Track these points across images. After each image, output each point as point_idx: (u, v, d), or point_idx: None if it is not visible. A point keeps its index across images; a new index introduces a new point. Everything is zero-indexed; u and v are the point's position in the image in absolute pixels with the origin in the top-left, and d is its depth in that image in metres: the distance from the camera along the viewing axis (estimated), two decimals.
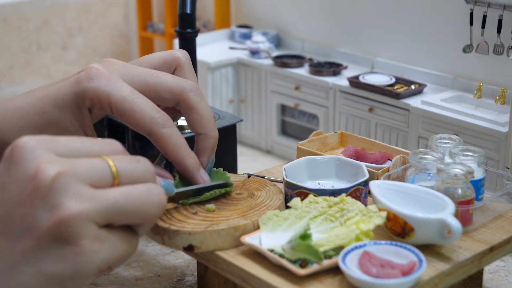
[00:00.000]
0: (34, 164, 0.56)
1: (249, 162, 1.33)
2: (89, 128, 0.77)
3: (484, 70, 1.16)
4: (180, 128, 0.98)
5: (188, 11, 0.99)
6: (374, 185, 0.78)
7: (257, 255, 0.74)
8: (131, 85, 0.76)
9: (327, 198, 0.77)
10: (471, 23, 1.14)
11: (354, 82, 1.22)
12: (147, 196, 0.60)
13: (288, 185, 0.82)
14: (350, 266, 0.70)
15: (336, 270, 0.71)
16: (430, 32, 1.23)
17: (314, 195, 0.79)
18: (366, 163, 0.88)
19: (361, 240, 0.72)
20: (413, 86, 1.19)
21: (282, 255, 0.72)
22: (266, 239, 0.74)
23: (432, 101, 1.13)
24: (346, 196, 0.77)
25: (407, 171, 0.85)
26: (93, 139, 0.61)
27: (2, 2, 1.66)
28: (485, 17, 1.12)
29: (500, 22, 1.11)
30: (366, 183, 0.81)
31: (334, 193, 0.79)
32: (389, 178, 0.86)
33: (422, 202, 0.77)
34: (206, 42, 1.48)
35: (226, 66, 1.39)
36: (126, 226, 0.60)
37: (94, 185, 0.57)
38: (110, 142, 0.62)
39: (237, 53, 1.41)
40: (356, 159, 0.90)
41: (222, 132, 0.98)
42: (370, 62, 1.32)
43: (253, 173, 0.91)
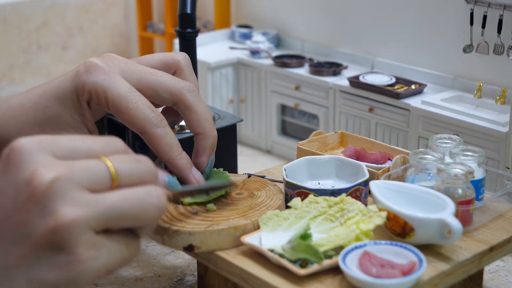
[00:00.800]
0: (30, 168, 0.54)
1: (249, 162, 1.33)
2: (90, 122, 0.77)
3: (484, 70, 1.16)
4: (180, 128, 0.98)
5: (188, 11, 0.99)
6: (374, 185, 0.78)
7: (257, 255, 0.74)
8: (130, 81, 0.76)
9: (327, 198, 0.77)
10: (471, 23, 1.14)
11: (354, 82, 1.22)
12: (146, 199, 0.58)
13: (288, 185, 0.82)
14: (350, 266, 0.70)
15: (336, 270, 0.71)
16: (430, 32, 1.23)
17: (314, 195, 0.79)
18: (366, 163, 0.88)
19: (361, 240, 0.72)
20: (413, 86, 1.19)
21: (282, 255, 0.72)
22: (266, 239, 0.74)
23: (432, 101, 1.13)
24: (346, 196, 0.77)
25: (407, 171, 0.85)
26: (93, 137, 0.60)
27: (2, 2, 1.66)
28: (485, 17, 1.12)
29: (500, 22, 1.11)
30: (366, 183, 0.81)
31: (334, 193, 0.79)
32: (389, 178, 0.86)
33: (422, 202, 0.77)
34: (206, 42, 1.48)
35: (226, 66, 1.39)
36: (126, 229, 0.58)
37: (92, 188, 0.56)
38: (111, 140, 0.60)
39: (237, 53, 1.41)
40: (356, 159, 0.90)
41: (222, 132, 0.99)
42: (370, 62, 1.32)
43: (253, 173, 0.91)
